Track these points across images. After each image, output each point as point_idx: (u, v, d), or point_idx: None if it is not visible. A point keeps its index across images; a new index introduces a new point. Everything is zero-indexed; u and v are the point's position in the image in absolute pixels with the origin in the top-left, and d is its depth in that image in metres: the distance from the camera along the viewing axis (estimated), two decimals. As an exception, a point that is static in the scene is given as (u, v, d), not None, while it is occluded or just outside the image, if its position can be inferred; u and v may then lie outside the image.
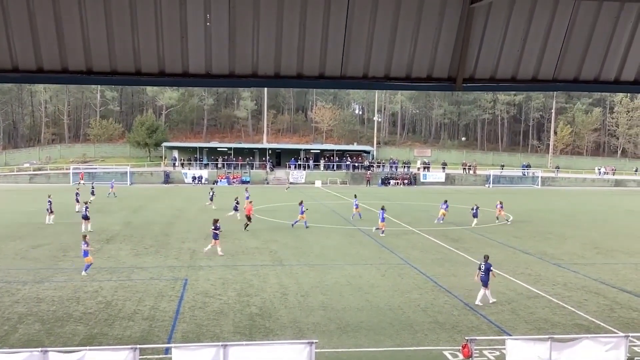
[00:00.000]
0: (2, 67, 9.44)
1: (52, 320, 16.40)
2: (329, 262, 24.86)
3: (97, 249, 27.20)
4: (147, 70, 9.78)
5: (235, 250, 27.27)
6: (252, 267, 23.46)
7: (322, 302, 18.55)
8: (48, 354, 10.93)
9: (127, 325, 15.99)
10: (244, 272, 22.63)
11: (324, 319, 16.74)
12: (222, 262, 24.39)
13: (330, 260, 25.26)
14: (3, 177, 76.69)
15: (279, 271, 22.90)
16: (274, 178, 78.23)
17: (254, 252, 26.92)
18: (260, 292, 19.55)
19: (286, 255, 26.13)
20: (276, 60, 9.98)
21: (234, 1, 9.18)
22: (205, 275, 21.95)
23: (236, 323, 16.29)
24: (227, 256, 25.76)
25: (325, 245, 28.73)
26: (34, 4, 8.93)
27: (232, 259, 25.12)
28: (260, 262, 24.67)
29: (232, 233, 32.26)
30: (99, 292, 19.45)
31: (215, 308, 17.66)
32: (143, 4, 9.08)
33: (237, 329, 15.74)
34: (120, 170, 76.77)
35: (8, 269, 22.83)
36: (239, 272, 22.63)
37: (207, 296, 18.99)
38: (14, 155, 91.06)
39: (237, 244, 28.75)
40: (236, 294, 19.28)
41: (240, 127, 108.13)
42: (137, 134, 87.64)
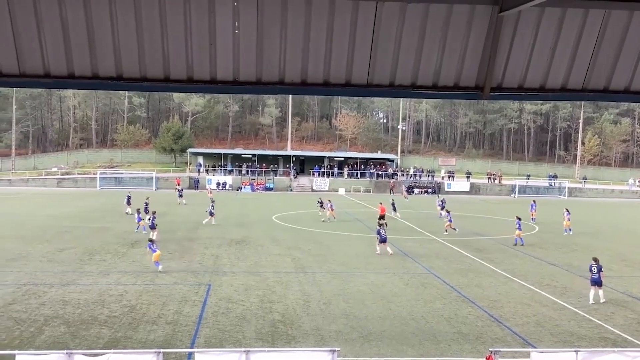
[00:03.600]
0: (34, 73, 9.64)
1: (78, 322, 16.59)
2: (352, 270, 24.79)
3: (123, 253, 27.53)
4: (176, 77, 9.90)
5: (258, 256, 27.35)
6: (275, 274, 23.50)
7: (345, 310, 18.49)
8: (73, 357, 11.06)
9: (150, 329, 16.11)
10: (267, 278, 22.68)
11: (346, 327, 16.68)
12: (245, 269, 24.48)
13: (353, 268, 25.19)
14: (32, 181, 78.05)
15: (301, 278, 22.90)
16: (298, 185, 78.36)
17: (277, 258, 26.97)
18: (282, 299, 19.56)
19: (309, 263, 26.12)
20: (303, 67, 10.02)
21: (262, 9, 9.25)
22: (229, 281, 22.05)
23: (258, 329, 16.31)
24: (250, 262, 25.85)
25: (348, 253, 28.66)
26: (66, 11, 9.11)
27: (255, 266, 25.19)
28: (283, 269, 24.70)
29: (255, 240, 32.40)
30: (124, 296, 19.64)
31: (238, 314, 17.71)
32: (173, 12, 9.20)
33: (259, 335, 15.76)
34: (146, 175, 77.58)
35: (35, 271, 23.18)
36: (262, 278, 22.69)
37: (230, 302, 19.05)
38: (42, 160, 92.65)
39: (260, 251, 28.83)
40: (259, 300, 19.31)
41: (265, 134, 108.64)
42: (163, 139, 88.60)
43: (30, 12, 9.05)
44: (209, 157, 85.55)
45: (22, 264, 24.59)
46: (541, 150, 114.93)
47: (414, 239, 34.08)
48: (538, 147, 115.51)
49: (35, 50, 9.47)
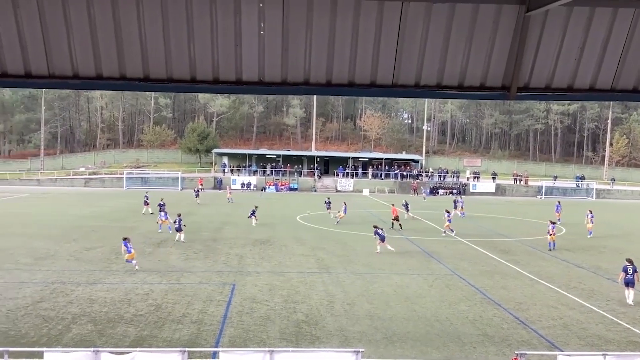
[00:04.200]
0: (63, 74, 9.80)
1: (104, 321, 16.82)
2: (376, 270, 24.72)
3: (149, 252, 27.83)
4: (202, 78, 9.98)
5: (282, 256, 27.44)
6: (299, 274, 23.55)
7: (369, 311, 18.45)
8: (100, 354, 11.21)
9: (176, 328, 16.26)
10: (291, 278, 22.74)
11: (370, 328, 16.65)
12: (270, 269, 24.58)
13: (376, 269, 25.12)
14: (60, 181, 79.30)
15: (325, 279, 22.91)
16: (322, 186, 78.40)
17: (301, 259, 27.02)
18: (306, 299, 19.59)
19: (333, 263, 26.12)
20: (328, 68, 10.01)
21: (288, 10, 9.27)
22: (253, 281, 22.15)
23: (282, 329, 16.36)
24: (274, 262, 25.95)
25: (372, 254, 28.57)
26: (94, 13, 9.24)
27: (280, 266, 25.27)
28: (307, 269, 24.73)
29: (279, 240, 32.50)
30: (150, 294, 19.85)
31: (262, 314, 17.79)
32: (199, 13, 9.28)
33: (284, 336, 15.80)
34: (171, 175, 78.33)
35: (63, 270, 23.55)
36: (286, 278, 22.75)
37: (255, 302, 19.14)
38: (70, 160, 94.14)
39: (284, 251, 28.91)
40: (283, 301, 19.37)
41: (289, 135, 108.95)
42: (188, 140, 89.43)
43: (59, 15, 9.20)
44: (234, 158, 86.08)
45: (51, 262, 25.00)
46: (568, 151, 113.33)
47: (439, 240, 33.86)
48: (565, 147, 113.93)
49: (64, 52, 9.62)
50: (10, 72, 9.80)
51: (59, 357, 11.35)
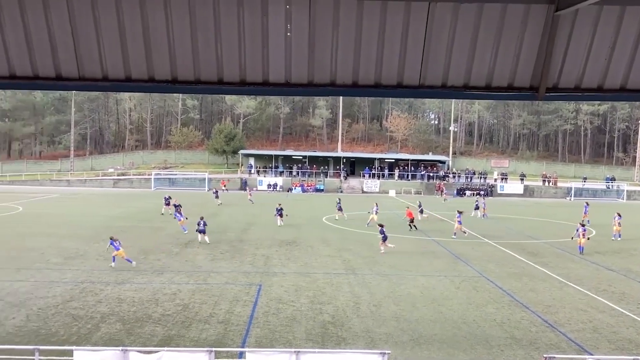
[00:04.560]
0: (93, 76, 9.97)
1: (133, 320, 17.02)
2: (402, 272, 24.60)
3: (176, 252, 28.12)
4: (229, 80, 10.05)
5: (308, 257, 27.47)
6: (325, 275, 23.55)
7: (395, 312, 18.37)
8: (128, 353, 11.35)
9: (203, 328, 16.38)
10: (317, 279, 22.75)
11: (397, 330, 16.58)
12: (296, 269, 24.63)
13: (403, 270, 25.00)
14: (89, 182, 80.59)
15: (351, 280, 22.88)
16: (348, 187, 78.32)
17: (327, 260, 27.02)
18: (332, 300, 19.59)
19: (359, 264, 26.07)
20: (354, 69, 9.99)
21: (314, 11, 9.28)
22: (279, 282, 22.22)
23: (309, 330, 16.38)
24: (300, 263, 26.00)
25: (398, 255, 28.45)
26: (123, 16, 9.38)
27: (306, 267, 25.31)
28: (333, 270, 24.73)
29: (305, 241, 32.55)
30: (177, 294, 20.05)
31: (288, 314, 17.83)
32: (227, 15, 9.34)
33: (310, 336, 15.82)
34: (198, 176, 79.02)
35: (92, 269, 23.90)
36: (312, 279, 22.77)
37: (281, 302, 19.20)
38: (99, 161, 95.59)
39: (310, 252, 28.95)
40: (309, 302, 19.40)
41: (315, 136, 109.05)
42: (215, 141, 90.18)
43: (89, 18, 9.35)
44: (260, 159, 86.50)
45: (80, 262, 25.40)
46: (598, 152, 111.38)
47: (466, 241, 33.56)
48: (595, 148, 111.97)
49: (94, 55, 9.79)
50: (41, 74, 10.00)
51: (88, 356, 11.52)
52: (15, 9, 9.29)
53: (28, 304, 18.44)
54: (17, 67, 9.96)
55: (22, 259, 25.68)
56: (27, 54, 9.78)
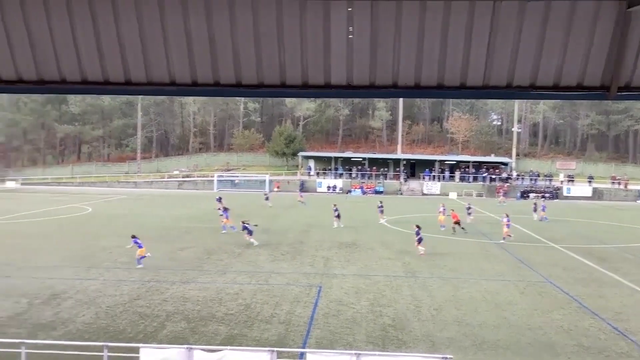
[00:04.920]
0: (161, 81, 10.26)
1: (197, 319, 17.40)
2: (464, 276, 24.18)
3: (238, 253, 28.56)
4: (292, 83, 10.12)
5: (368, 259, 27.39)
6: (385, 278, 23.41)
7: (457, 316, 18.08)
8: (193, 352, 11.61)
9: (265, 328, 16.58)
10: (377, 282, 22.65)
11: (459, 334, 16.31)
12: (356, 271, 24.59)
13: (464, 274, 24.56)
14: (155, 183, 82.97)
15: (412, 283, 22.66)
16: (408, 189, 77.66)
17: (387, 262, 26.86)
18: (393, 303, 19.45)
19: (419, 267, 25.79)
20: (417, 70, 9.87)
21: (376, 13, 9.24)
22: (339, 284, 22.24)
23: (369, 333, 16.32)
24: (360, 265, 25.95)
25: (459, 259, 28.00)
26: (190, 23, 9.61)
27: (365, 269, 25.24)
28: (393, 272, 24.55)
29: (365, 243, 32.47)
30: (240, 294, 20.36)
31: (348, 316, 17.82)
32: (289, 19, 9.42)
33: (370, 339, 15.76)
34: (259, 178, 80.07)
35: (158, 269, 24.56)
36: (372, 282, 22.68)
37: (341, 304, 19.21)
38: (165, 163, 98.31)
39: (370, 254, 28.84)
40: (369, 304, 19.33)
41: (375, 138, 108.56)
42: (276, 143, 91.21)
43: (157, 26, 9.64)
44: (320, 161, 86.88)
45: (146, 261, 26.12)
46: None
47: (530, 245, 32.68)
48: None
49: (161, 61, 10.08)
50: (112, 79, 10.37)
51: (154, 353, 11.85)
52: (87, 17, 9.66)
53: (97, 302, 19.12)
54: (89, 73, 10.36)
55: (91, 258, 26.68)
56: (98, 61, 10.16)
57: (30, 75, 10.45)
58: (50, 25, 9.80)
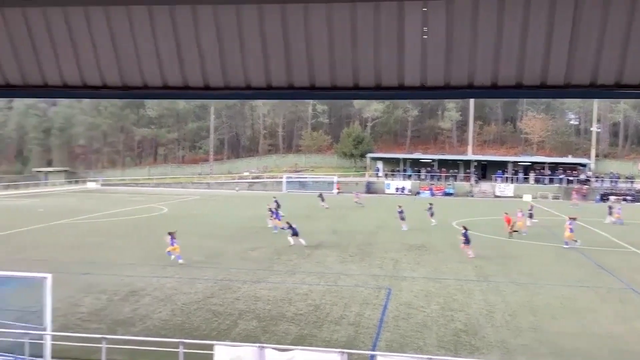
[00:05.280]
0: (238, 85, 10.47)
1: (268, 318, 17.63)
2: (539, 281, 23.41)
3: (307, 254, 28.77)
4: (365, 84, 10.06)
5: (438, 262, 26.98)
6: (456, 282, 22.99)
7: (532, 323, 17.52)
8: (264, 350, 11.76)
9: (334, 329, 16.61)
10: (448, 285, 22.27)
11: (534, 342, 15.80)
12: (425, 274, 24.27)
13: (540, 279, 23.78)
14: (226, 184, 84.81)
15: (484, 287, 22.15)
16: (479, 191, 76.06)
17: (458, 265, 26.36)
18: (464, 308, 19.06)
19: (492, 272, 25.17)
20: (494, 69, 9.56)
21: (452, 12, 9.03)
22: (409, 287, 22.01)
23: (440, 337, 16.06)
24: (430, 268, 25.60)
25: (534, 263, 27.16)
26: (265, 26, 9.73)
27: (436, 272, 24.87)
28: (464, 276, 24.07)
29: (435, 245, 32.02)
30: (309, 295, 20.49)
31: (418, 320, 17.60)
32: (363, 20, 9.34)
33: (441, 344, 15.50)
34: (327, 179, 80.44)
35: (230, 268, 25.07)
36: (443, 285, 22.32)
37: (411, 307, 19.00)
38: (236, 164, 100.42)
39: (440, 257, 28.40)
40: (440, 308, 19.02)
41: (444, 139, 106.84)
42: (344, 145, 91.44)
43: (234, 30, 9.82)
44: (388, 162, 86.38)
45: (219, 261, 26.76)
46: None
47: (609, 250, 31.30)
48: None
49: (237, 65, 10.26)
50: (191, 84, 10.66)
51: (227, 351, 12.09)
52: (168, 24, 9.97)
53: (173, 299, 19.71)
54: (170, 78, 10.69)
55: (167, 256, 27.48)
56: (179, 66, 10.46)
57: (115, 81, 10.89)
58: (133, 33, 10.19)
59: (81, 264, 25.67)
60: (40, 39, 10.57)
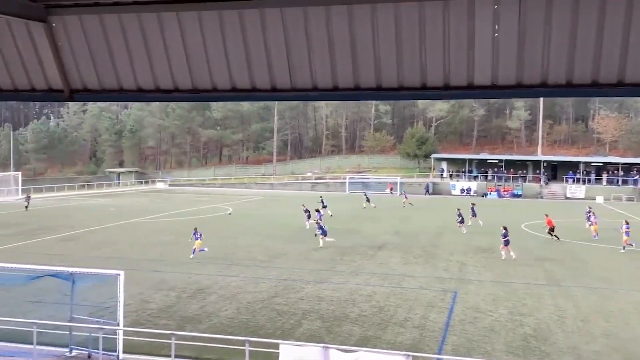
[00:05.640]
0: (304, 87, 10.56)
1: (331, 319, 17.68)
2: (612, 286, 22.51)
3: (371, 255, 28.69)
4: (433, 84, 9.94)
5: (506, 266, 26.34)
6: (525, 286, 22.38)
7: (605, 329, 16.86)
8: (329, 351, 11.81)
9: (398, 332, 16.48)
10: (516, 289, 21.70)
11: (607, 348, 15.21)
12: (493, 278, 23.75)
13: (613, 284, 22.86)
14: (289, 185, 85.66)
15: (554, 292, 21.47)
16: (549, 192, 73.81)
17: (527, 269, 25.65)
18: (534, 312, 18.53)
19: (562, 276, 24.37)
20: (568, 68, 9.21)
21: (525, 10, 8.79)
22: (475, 290, 21.59)
23: (508, 342, 15.67)
24: (497, 272, 25.03)
25: (607, 267, 26.13)
26: (332, 28, 9.77)
27: (503, 275, 24.29)
28: (534, 280, 23.41)
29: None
30: (373, 296, 20.41)
31: (486, 324, 17.24)
32: (432, 20, 9.24)
33: (510, 349, 15.13)
34: (390, 180, 79.94)
35: (293, 268, 25.29)
36: (511, 289, 21.77)
37: (478, 311, 18.62)
38: (299, 165, 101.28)
39: (508, 260, 27.69)
40: (508, 312, 18.56)
41: (512, 138, 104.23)
42: (407, 145, 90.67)
43: (301, 31, 9.92)
44: (453, 163, 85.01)
45: (283, 261, 27.03)
46: None
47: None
48: None
49: (304, 67, 10.36)
50: (258, 86, 10.83)
51: (292, 350, 12.21)
52: (237, 28, 10.17)
53: (238, 298, 20.06)
54: (238, 81, 10.89)
55: (232, 256, 28.04)
56: (247, 68, 10.65)
57: (185, 85, 11.20)
58: (203, 37, 10.46)
59: (151, 261, 26.50)
60: (116, 45, 10.99)
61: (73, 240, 33.01)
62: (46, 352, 14.38)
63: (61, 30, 10.98)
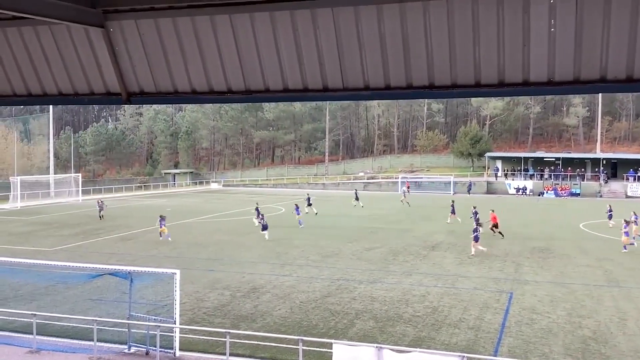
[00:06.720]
0: (356, 87, 10.57)
1: (384, 319, 17.61)
2: (679, 289, 21.63)
3: (424, 255, 28.45)
4: (487, 82, 9.78)
5: (563, 266, 25.66)
6: (584, 287, 21.75)
7: (671, 334, 16.22)
8: (382, 351, 11.79)
9: (453, 332, 16.28)
10: (575, 291, 21.12)
11: (674, 354, 14.62)
12: (550, 279, 23.18)
13: (680, 287, 21.97)
14: (341, 185, 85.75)
15: (615, 293, 20.79)
16: (609, 191, 71.43)
17: (585, 270, 24.92)
18: (593, 314, 18.00)
19: (623, 277, 23.57)
20: (628, 61, 8.94)
21: (582, 4, 8.57)
22: (532, 291, 21.11)
23: (567, 344, 15.26)
24: (555, 272, 24.41)
25: (673, 270, 25.11)
26: (384, 27, 9.74)
27: (561, 276, 23.67)
28: (593, 281, 22.72)
29: (559, 248, 30.47)
30: (426, 297, 20.23)
31: (543, 326, 16.84)
32: (486, 16, 9.10)
33: (568, 351, 14.73)
34: (443, 180, 79.03)
35: (346, 267, 25.30)
36: (569, 290, 21.19)
37: (534, 312, 18.21)
38: (351, 165, 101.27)
39: (565, 261, 26.98)
40: (566, 314, 18.08)
41: (570, 136, 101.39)
42: (460, 144, 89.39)
43: (352, 31, 9.94)
44: (508, 161, 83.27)
45: (335, 260, 27.08)
46: None
47: None
48: None
49: (356, 66, 10.37)
50: (310, 87, 10.90)
51: (345, 350, 12.25)
52: (288, 29, 10.27)
53: (291, 297, 20.21)
54: (290, 82, 11.01)
55: (286, 255, 28.27)
56: (299, 69, 10.74)
57: (239, 86, 11.39)
58: (256, 39, 10.61)
59: (206, 260, 27.01)
60: (170, 48, 11.26)
61: (131, 239, 33.99)
62: (106, 348, 14.85)
63: (118, 35, 11.31)
